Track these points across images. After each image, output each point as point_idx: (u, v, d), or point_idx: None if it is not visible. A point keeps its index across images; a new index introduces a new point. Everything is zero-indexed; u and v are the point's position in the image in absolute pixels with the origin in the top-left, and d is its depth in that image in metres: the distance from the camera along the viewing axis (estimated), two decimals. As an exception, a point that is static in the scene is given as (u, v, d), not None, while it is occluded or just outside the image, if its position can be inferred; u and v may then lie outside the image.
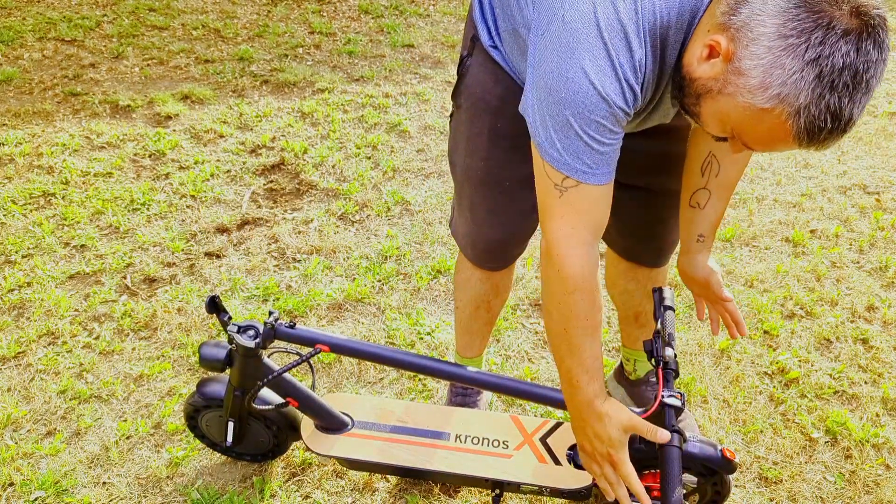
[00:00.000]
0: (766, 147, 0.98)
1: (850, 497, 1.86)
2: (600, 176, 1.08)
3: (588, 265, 1.13)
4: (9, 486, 1.78)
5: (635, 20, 0.97)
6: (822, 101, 0.87)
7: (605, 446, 1.26)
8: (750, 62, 0.90)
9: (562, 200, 1.09)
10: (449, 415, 1.71)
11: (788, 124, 0.90)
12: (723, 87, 0.95)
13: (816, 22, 0.85)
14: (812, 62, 0.86)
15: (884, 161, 3.41)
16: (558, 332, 1.21)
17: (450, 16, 4.89)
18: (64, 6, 4.66)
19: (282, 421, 1.69)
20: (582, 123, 1.02)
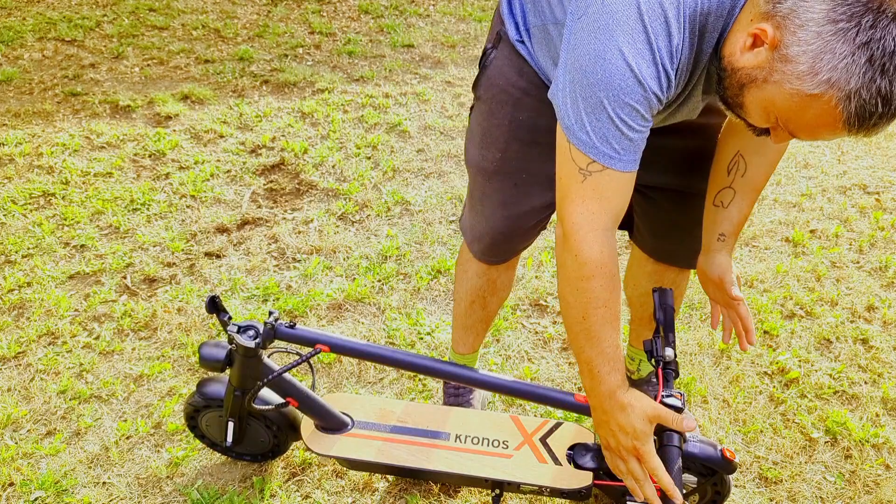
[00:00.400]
0: (813, 134, 0.97)
1: (849, 497, 1.86)
2: (627, 162, 1.06)
3: (607, 250, 1.11)
4: (9, 486, 1.78)
5: (676, 4, 0.97)
6: (872, 85, 0.87)
7: (630, 438, 1.21)
8: (798, 48, 0.89)
9: (584, 184, 1.08)
10: (449, 415, 1.71)
11: (839, 110, 0.90)
12: (769, 76, 0.94)
13: (867, 6, 0.85)
14: (863, 46, 0.85)
15: (884, 161, 3.41)
16: (577, 320, 1.17)
17: (450, 16, 4.90)
18: (64, 6, 4.66)
19: (282, 421, 1.69)
20: (615, 106, 1.01)
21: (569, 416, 2.00)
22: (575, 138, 1.06)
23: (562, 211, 1.13)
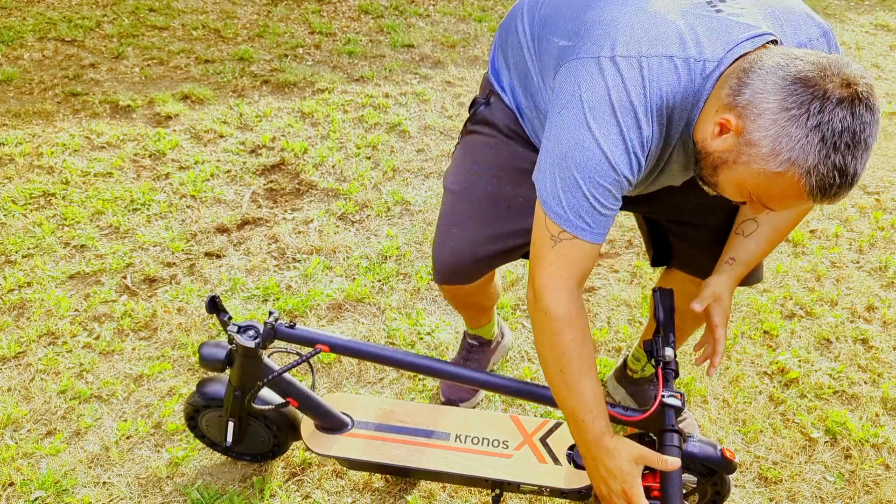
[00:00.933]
0: (783, 205, 1.08)
1: (849, 497, 1.86)
2: (596, 235, 1.19)
3: (574, 307, 1.22)
4: (9, 486, 1.78)
5: (644, 102, 1.11)
6: (828, 161, 0.98)
7: (619, 483, 1.26)
8: (759, 133, 1.01)
9: (555, 249, 1.20)
10: (449, 415, 1.71)
11: (802, 184, 1.01)
12: (737, 158, 1.06)
13: (813, 94, 0.98)
14: (815, 128, 0.97)
15: (884, 161, 3.41)
16: (555, 374, 1.26)
17: (450, 16, 4.90)
18: (64, 6, 4.66)
19: (282, 421, 1.69)
20: (590, 186, 1.15)
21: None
22: (550, 211, 1.19)
23: (533, 272, 1.24)
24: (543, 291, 1.22)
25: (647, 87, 1.11)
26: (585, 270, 1.23)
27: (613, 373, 2.10)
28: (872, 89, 1.00)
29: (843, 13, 5.22)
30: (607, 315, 2.41)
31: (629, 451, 1.26)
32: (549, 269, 1.21)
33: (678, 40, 1.11)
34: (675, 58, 1.11)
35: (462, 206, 1.54)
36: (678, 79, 1.11)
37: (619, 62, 1.11)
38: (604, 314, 2.41)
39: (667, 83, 1.11)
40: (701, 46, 1.11)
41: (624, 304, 2.45)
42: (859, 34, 4.87)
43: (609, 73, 1.11)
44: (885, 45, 4.73)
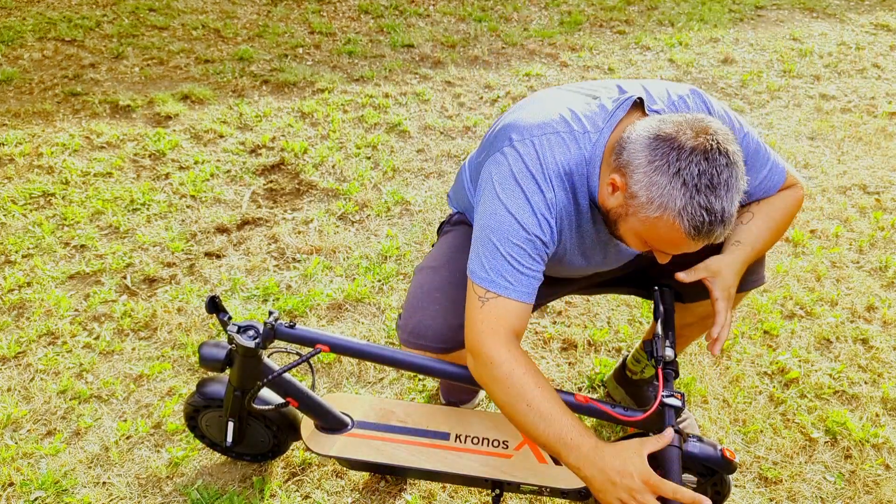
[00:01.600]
0: (674, 248, 1.22)
1: (849, 497, 1.86)
2: (519, 294, 1.30)
3: (514, 349, 1.29)
4: (9, 486, 1.78)
5: (541, 170, 1.28)
6: (693, 202, 1.13)
7: (637, 479, 1.21)
8: (636, 187, 1.18)
9: (483, 310, 1.30)
10: (449, 415, 1.71)
11: (677, 225, 1.16)
12: (626, 211, 1.22)
13: (671, 146, 1.15)
14: (676, 174, 1.14)
15: (884, 161, 3.41)
16: (524, 411, 1.27)
17: (450, 16, 4.90)
18: (64, 6, 4.66)
19: (282, 421, 1.69)
20: (506, 247, 1.28)
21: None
22: (475, 276, 1.32)
23: (468, 337, 1.33)
24: (479, 347, 1.30)
25: (542, 158, 1.29)
26: (517, 327, 1.31)
27: (613, 373, 2.10)
28: (726, 136, 1.16)
29: (843, 13, 5.22)
30: (607, 315, 2.41)
31: (631, 446, 1.25)
32: (479, 328, 1.30)
33: (563, 121, 1.31)
34: (562, 133, 1.30)
35: (444, 273, 1.57)
36: (568, 148, 1.29)
37: (516, 145, 1.30)
38: (604, 314, 2.41)
39: (559, 152, 1.29)
40: (583, 123, 1.31)
41: (624, 304, 2.45)
42: (859, 34, 4.87)
43: (510, 155, 1.30)
44: (885, 45, 4.73)
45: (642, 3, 5.26)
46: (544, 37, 4.61)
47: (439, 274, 1.57)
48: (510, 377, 1.27)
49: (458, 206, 1.74)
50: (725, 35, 4.76)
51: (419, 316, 1.52)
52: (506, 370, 1.27)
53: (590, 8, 5.13)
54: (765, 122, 3.71)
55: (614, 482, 1.22)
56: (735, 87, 4.07)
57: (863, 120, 3.76)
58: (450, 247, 1.65)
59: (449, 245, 1.65)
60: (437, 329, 1.50)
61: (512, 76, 4.08)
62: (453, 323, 1.49)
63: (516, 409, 1.28)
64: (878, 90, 4.09)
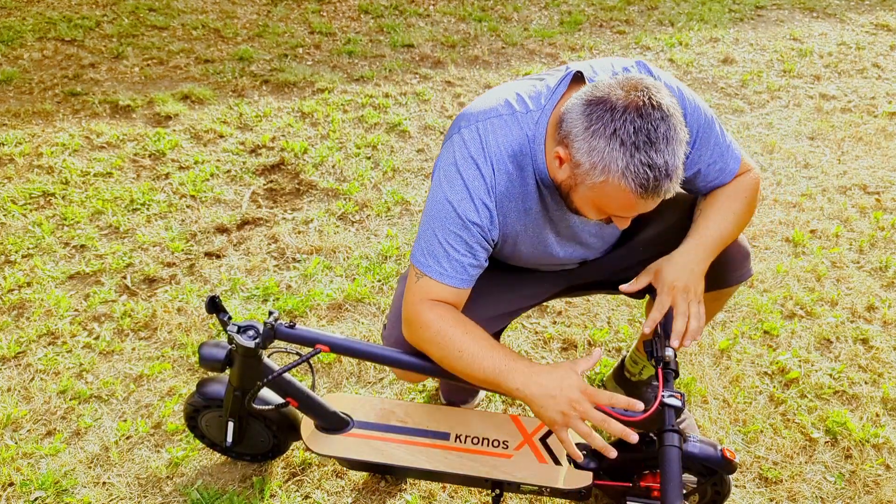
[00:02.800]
0: (627, 210, 1.22)
1: (850, 497, 1.86)
2: (451, 279, 1.35)
3: (437, 308, 1.35)
4: (9, 486, 1.78)
5: (482, 154, 1.31)
6: (635, 160, 1.13)
7: (576, 388, 1.27)
8: (578, 155, 1.18)
9: (418, 284, 1.37)
10: (449, 415, 1.71)
11: (622, 185, 1.15)
12: (574, 181, 1.23)
13: (604, 108, 1.15)
14: (612, 135, 1.13)
15: (884, 161, 3.41)
16: (458, 357, 1.34)
17: (450, 16, 4.89)
18: (64, 6, 4.66)
19: (282, 421, 1.69)
20: (441, 233, 1.33)
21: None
22: (414, 259, 1.38)
23: (404, 309, 1.40)
24: (411, 315, 1.37)
25: (484, 142, 1.31)
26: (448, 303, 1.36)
27: (612, 373, 2.10)
28: (658, 90, 1.15)
29: (843, 13, 5.22)
30: (607, 315, 2.41)
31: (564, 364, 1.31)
32: (411, 300, 1.38)
33: (506, 104, 1.34)
34: (504, 115, 1.32)
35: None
36: (510, 130, 1.32)
37: (462, 132, 1.34)
38: (604, 314, 2.41)
39: (502, 135, 1.31)
40: (526, 104, 1.33)
41: (624, 304, 2.45)
42: (859, 34, 4.87)
43: (455, 142, 1.34)
44: (886, 45, 4.73)
45: (642, 3, 5.26)
46: (544, 37, 4.61)
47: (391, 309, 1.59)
48: (439, 333, 1.34)
49: None
50: (725, 35, 4.76)
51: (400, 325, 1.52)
52: (434, 328, 1.34)
53: (590, 8, 5.13)
54: (765, 122, 3.71)
55: (553, 395, 1.28)
56: (735, 87, 4.07)
57: (863, 120, 3.76)
58: None
59: None
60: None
61: (512, 76, 4.08)
62: None
63: (452, 358, 1.34)
64: (878, 90, 4.09)
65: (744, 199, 1.50)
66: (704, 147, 1.43)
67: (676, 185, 1.18)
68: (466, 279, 1.37)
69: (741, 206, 1.49)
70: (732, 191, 1.49)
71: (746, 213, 1.51)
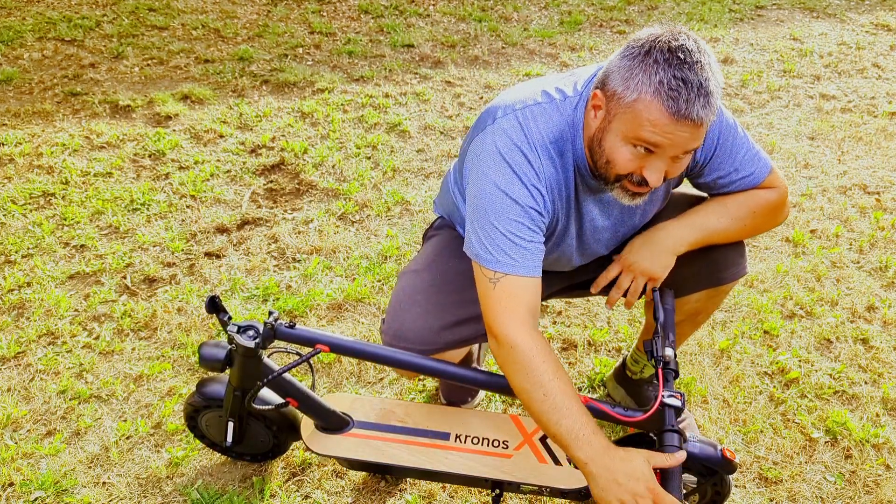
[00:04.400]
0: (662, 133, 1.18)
1: (850, 497, 1.86)
2: (527, 269, 1.30)
3: (535, 335, 1.29)
4: (9, 486, 1.78)
5: (527, 141, 1.31)
6: (668, 73, 1.15)
7: (643, 483, 1.22)
8: (613, 84, 1.21)
9: (495, 290, 1.30)
10: (449, 415, 1.71)
11: (656, 102, 1.16)
12: (609, 116, 1.24)
13: (641, 42, 1.19)
14: (647, 54, 1.17)
15: (884, 161, 3.41)
16: (540, 400, 1.27)
17: (450, 16, 4.89)
18: (64, 6, 4.66)
19: (282, 421, 1.69)
20: (502, 224, 1.29)
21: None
22: (480, 259, 1.32)
23: (487, 321, 1.33)
24: (499, 329, 1.29)
25: (526, 129, 1.31)
26: (531, 304, 1.31)
27: (613, 373, 2.10)
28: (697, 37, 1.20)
29: (843, 13, 5.22)
30: (607, 315, 2.41)
31: (642, 454, 1.25)
32: (497, 309, 1.30)
33: (544, 93, 1.35)
34: (543, 104, 1.33)
35: (426, 276, 1.57)
36: (550, 116, 1.32)
37: (500, 122, 1.33)
38: (604, 314, 2.41)
39: (542, 122, 1.32)
40: (563, 91, 1.34)
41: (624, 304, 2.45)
42: (859, 34, 4.87)
43: (495, 132, 1.33)
44: (886, 44, 4.73)
45: (642, 3, 5.26)
46: (544, 37, 4.61)
47: (421, 277, 1.58)
48: (530, 364, 1.27)
49: (441, 211, 1.75)
50: (725, 35, 4.76)
51: (401, 319, 1.52)
52: (527, 357, 1.27)
53: (590, 8, 5.13)
54: (765, 122, 3.71)
55: (620, 483, 1.22)
56: (735, 87, 4.07)
57: (863, 120, 3.76)
58: (433, 250, 1.65)
59: (433, 248, 1.66)
60: (418, 332, 1.51)
61: (512, 76, 4.08)
62: (434, 325, 1.51)
63: (533, 397, 1.27)
64: (878, 90, 4.09)
65: (750, 208, 1.48)
66: (727, 155, 1.44)
67: (710, 113, 1.17)
68: (537, 267, 1.32)
69: (744, 213, 1.48)
70: (743, 197, 1.48)
71: (749, 223, 1.49)
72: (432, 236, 1.72)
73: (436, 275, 1.57)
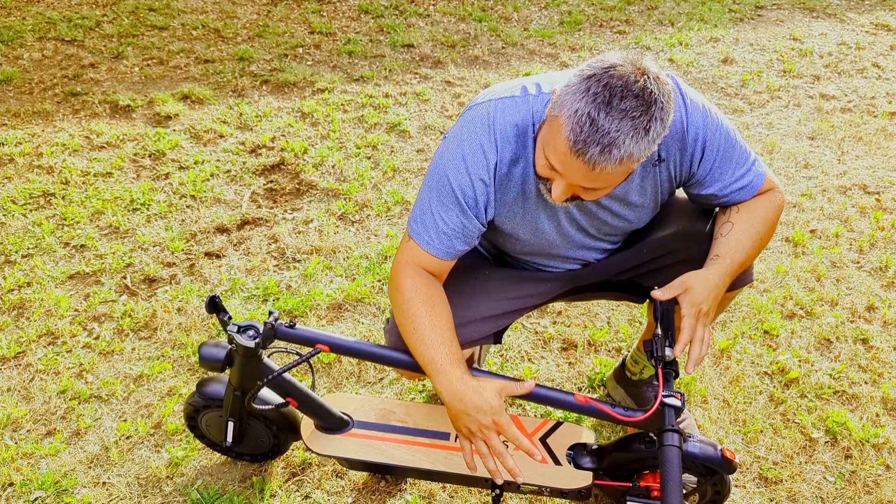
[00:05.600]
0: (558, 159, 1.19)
1: (850, 497, 1.86)
2: (437, 250, 1.40)
3: (420, 279, 1.41)
4: (9, 486, 1.78)
5: (488, 132, 1.34)
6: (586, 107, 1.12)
7: (489, 415, 1.34)
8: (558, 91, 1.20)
9: (406, 246, 1.43)
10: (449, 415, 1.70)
11: (563, 126, 1.15)
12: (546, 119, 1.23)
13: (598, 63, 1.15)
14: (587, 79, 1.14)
15: (884, 161, 3.41)
16: (410, 333, 1.40)
17: (450, 16, 4.89)
18: (64, 6, 4.66)
19: (282, 421, 1.69)
20: (435, 205, 1.38)
21: (569, 416, 2.00)
22: (410, 221, 1.44)
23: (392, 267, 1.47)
24: (394, 274, 1.44)
25: (492, 120, 1.34)
26: (432, 268, 1.43)
27: (612, 373, 2.10)
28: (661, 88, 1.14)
29: (844, 13, 5.22)
30: (607, 315, 2.41)
31: (493, 385, 1.36)
32: (399, 259, 1.44)
33: (520, 87, 1.37)
34: (516, 97, 1.36)
35: None
36: (518, 110, 1.34)
37: (473, 109, 1.39)
38: (604, 314, 2.41)
39: (510, 114, 1.34)
40: (540, 88, 1.36)
41: (624, 304, 2.45)
42: (859, 34, 4.87)
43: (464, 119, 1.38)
44: (886, 45, 4.73)
45: (642, 3, 5.26)
46: (544, 37, 4.61)
47: None
48: (406, 302, 1.40)
49: None
50: (725, 35, 4.76)
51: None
52: (406, 297, 1.40)
53: (590, 8, 5.13)
54: (765, 122, 3.71)
55: (468, 413, 1.35)
56: (735, 87, 4.07)
57: (863, 120, 3.76)
58: None
59: None
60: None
61: (512, 76, 4.08)
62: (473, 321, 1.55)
63: (405, 330, 1.41)
64: (878, 90, 4.09)
65: (769, 222, 1.48)
66: (726, 166, 1.43)
67: (607, 161, 1.14)
68: (451, 253, 1.42)
69: (766, 230, 1.48)
70: (760, 211, 1.47)
71: (768, 236, 1.50)
72: None
73: None
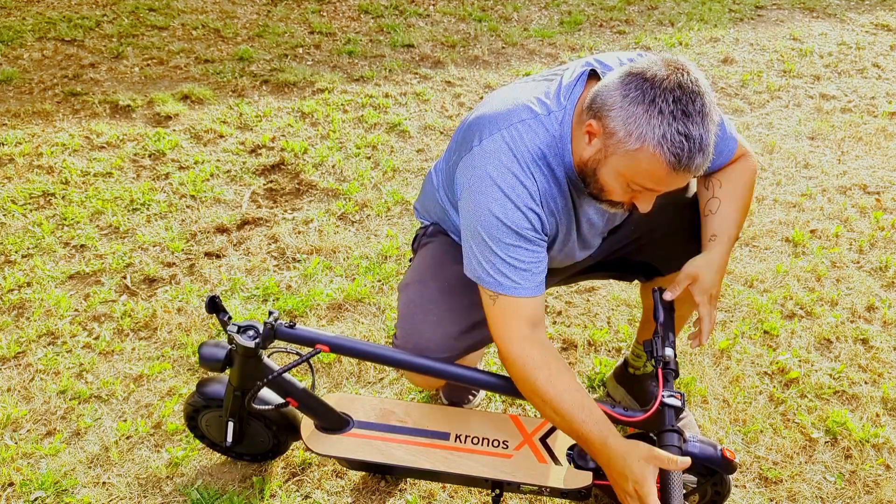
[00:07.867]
0: (657, 183, 1.21)
1: (850, 497, 1.86)
2: (528, 290, 1.33)
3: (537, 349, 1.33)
4: (9, 486, 1.78)
5: (516, 161, 1.30)
6: (672, 129, 1.13)
7: (631, 483, 1.27)
8: (613, 123, 1.19)
9: (496, 307, 1.35)
10: (449, 415, 1.71)
11: (658, 155, 1.15)
12: (606, 153, 1.22)
13: (644, 79, 1.16)
14: (651, 103, 1.14)
15: (884, 161, 3.41)
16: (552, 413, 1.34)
17: (450, 16, 4.89)
18: (64, 6, 4.66)
19: (282, 421, 1.69)
20: (501, 249, 1.31)
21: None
22: (480, 280, 1.35)
23: (493, 337, 1.38)
24: (504, 346, 1.35)
25: (514, 149, 1.30)
26: (533, 316, 1.35)
27: (613, 373, 2.10)
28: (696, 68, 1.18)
29: (843, 13, 5.22)
30: (607, 315, 2.41)
31: (639, 452, 1.27)
32: (500, 327, 1.35)
33: (526, 108, 1.33)
34: (528, 120, 1.32)
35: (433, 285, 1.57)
36: (536, 133, 1.31)
37: (486, 143, 1.32)
38: (604, 314, 2.41)
39: (529, 139, 1.31)
40: (546, 105, 1.33)
41: (624, 304, 2.45)
42: (859, 34, 4.87)
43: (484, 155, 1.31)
44: (886, 45, 4.73)
45: (642, 3, 5.26)
46: (544, 37, 4.61)
47: (428, 287, 1.58)
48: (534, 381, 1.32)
49: (430, 218, 1.72)
50: (725, 35, 4.76)
51: (419, 331, 1.52)
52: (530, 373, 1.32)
53: (590, 8, 5.13)
54: (765, 122, 3.71)
55: (615, 478, 1.32)
56: (735, 87, 4.07)
57: (863, 120, 3.76)
58: (432, 258, 1.64)
59: (431, 257, 1.65)
60: (438, 341, 1.51)
61: (512, 76, 4.08)
62: (452, 331, 1.51)
63: (534, 403, 1.36)
64: (878, 90, 4.09)
65: (749, 189, 1.54)
66: None
67: (707, 161, 1.18)
68: (539, 286, 1.35)
69: (749, 198, 1.53)
70: (741, 180, 1.52)
71: (750, 203, 1.55)
72: (427, 244, 1.70)
73: (442, 282, 1.56)
